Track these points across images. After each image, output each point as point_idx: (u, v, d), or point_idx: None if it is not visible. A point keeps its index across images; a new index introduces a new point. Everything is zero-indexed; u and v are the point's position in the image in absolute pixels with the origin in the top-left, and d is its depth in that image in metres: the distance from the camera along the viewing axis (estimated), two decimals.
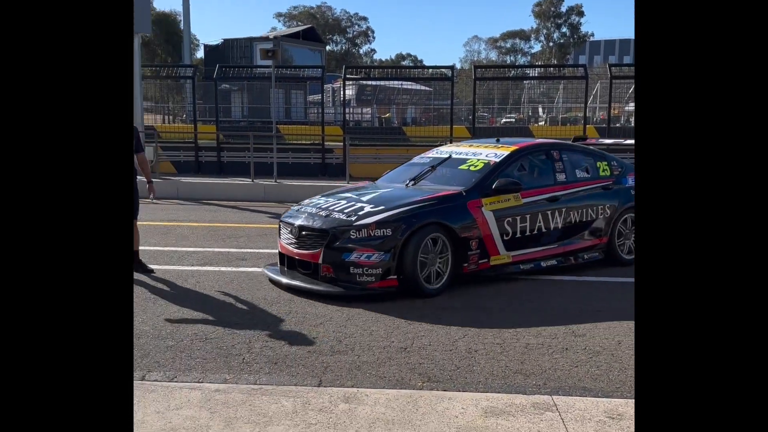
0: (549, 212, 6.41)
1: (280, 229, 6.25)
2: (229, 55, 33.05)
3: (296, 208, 6.36)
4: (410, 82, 22.61)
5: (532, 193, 6.35)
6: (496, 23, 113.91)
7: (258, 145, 15.41)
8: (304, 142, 17.96)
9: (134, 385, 3.58)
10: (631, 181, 7.21)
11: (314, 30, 44.74)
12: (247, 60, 31.82)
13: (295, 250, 5.87)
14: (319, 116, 19.80)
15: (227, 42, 34.73)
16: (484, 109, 23.22)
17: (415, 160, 7.35)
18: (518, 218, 6.16)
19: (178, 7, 62.04)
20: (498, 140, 7.17)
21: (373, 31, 79.95)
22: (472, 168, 6.44)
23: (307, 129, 19.65)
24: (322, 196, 6.60)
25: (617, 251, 6.99)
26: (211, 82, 18.81)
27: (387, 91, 24.28)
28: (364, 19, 78.92)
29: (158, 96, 22.52)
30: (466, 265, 5.83)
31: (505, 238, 6.06)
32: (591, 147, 7.61)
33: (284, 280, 5.85)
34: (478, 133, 15.72)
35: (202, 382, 3.70)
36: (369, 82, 23.70)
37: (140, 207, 6.56)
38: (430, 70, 20.05)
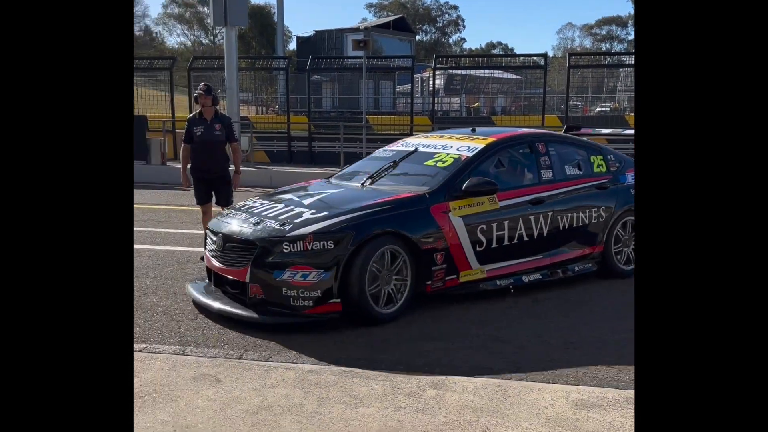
0: (532, 217, 5.36)
1: (205, 239, 5.27)
2: (321, 46, 33.58)
3: (227, 212, 5.37)
4: (500, 71, 22.28)
5: (512, 195, 5.30)
6: (591, 9, 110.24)
7: (348, 135, 15.67)
8: (392, 132, 18.09)
9: (232, 363, 3.76)
10: (631, 178, 6.14)
11: (404, 20, 44.79)
12: (338, 51, 32.25)
13: (220, 265, 4.81)
14: (407, 106, 19.87)
15: (319, 33, 35.30)
16: (577, 98, 22.61)
17: (378, 153, 6.26)
18: (494, 225, 5.11)
19: (272, 0, 63.66)
20: (473, 130, 6.02)
21: (463, 20, 79.10)
22: (439, 164, 5.35)
23: (395, 119, 19.74)
24: (262, 197, 5.58)
25: (614, 261, 5.96)
26: (303, 74, 19.22)
27: (476, 80, 24.02)
28: (455, 8, 78.06)
29: (252, 87, 23.19)
30: (429, 282, 4.82)
31: (478, 249, 5.04)
32: (584, 138, 6.54)
33: (203, 299, 4.89)
34: (570, 122, 15.35)
35: (295, 363, 3.84)
36: (458, 72, 23.55)
37: (234, 194, 6.80)
38: (522, 58, 19.70)
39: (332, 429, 3.04)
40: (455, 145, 5.59)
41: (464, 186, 5.02)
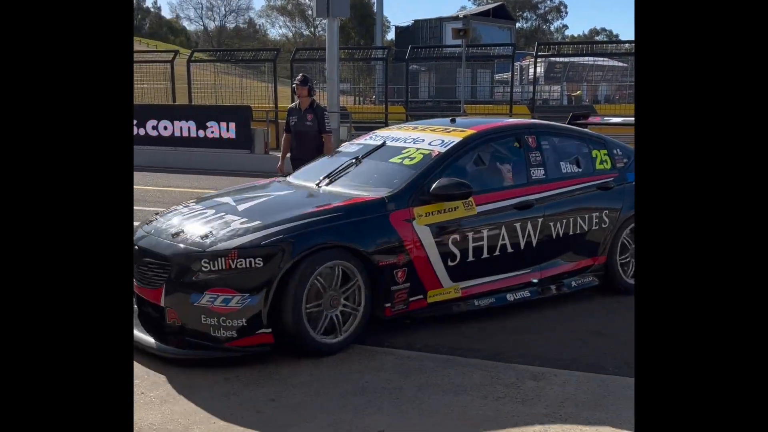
0: (518, 224, 4.51)
1: None
2: (419, 35, 33.58)
3: (151, 218, 4.43)
4: (604, 58, 21.55)
5: (493, 198, 4.47)
6: None
7: None
8: None
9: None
10: None
11: (504, 7, 44.01)
12: (436, 40, 32.14)
13: (137, 283, 3.94)
14: (505, 95, 19.59)
15: (417, 23, 35.30)
16: None
17: (343, 147, 5.39)
18: (470, 234, 4.29)
19: None
20: (453, 120, 5.18)
21: (565, 6, 76.79)
22: (406, 162, 4.50)
23: (492, 108, 19.51)
24: (198, 199, 4.67)
25: (619, 273, 5.06)
26: (400, 63, 19.31)
27: (578, 67, 23.35)
28: None
29: (351, 77, 23.54)
30: (388, 305, 4.00)
31: (450, 263, 4.22)
32: (585, 130, 5.58)
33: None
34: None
35: (397, 348, 3.92)
36: (559, 59, 22.95)
37: None
38: (627, 45, 18.94)
39: (432, 415, 3.09)
40: (428, 139, 4.73)
41: (432, 188, 4.16)
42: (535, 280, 4.66)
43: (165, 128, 14.28)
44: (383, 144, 4.88)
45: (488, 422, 3.02)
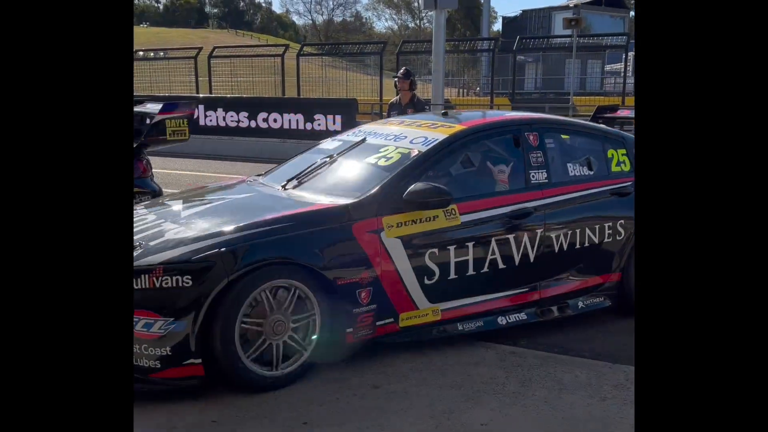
0: (512, 236, 3.87)
1: None
2: (527, 26, 32.94)
3: None
4: None
5: (481, 205, 3.84)
6: None
7: None
8: None
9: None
10: None
11: None
12: (545, 30, 31.42)
13: None
14: (616, 86, 18.85)
15: (525, 13, 34.64)
16: None
17: (323, 144, 4.74)
18: (452, 248, 3.68)
19: None
20: (445, 114, 4.64)
21: None
22: (381, 162, 3.91)
23: (603, 100, 18.82)
24: (147, 203, 4.29)
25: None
26: (506, 55, 18.97)
27: None
28: None
29: (455, 69, 23.41)
30: (350, 330, 3.44)
31: (428, 281, 3.64)
32: (602, 126, 4.85)
33: None
34: None
35: (499, 343, 3.87)
36: None
37: None
38: None
39: (535, 411, 3.04)
40: (411, 136, 4.11)
41: (405, 194, 3.56)
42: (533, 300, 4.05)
43: (275, 120, 14.75)
44: (363, 141, 4.28)
45: (594, 422, 2.94)
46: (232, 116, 15.09)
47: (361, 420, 2.95)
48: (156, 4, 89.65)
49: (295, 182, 4.01)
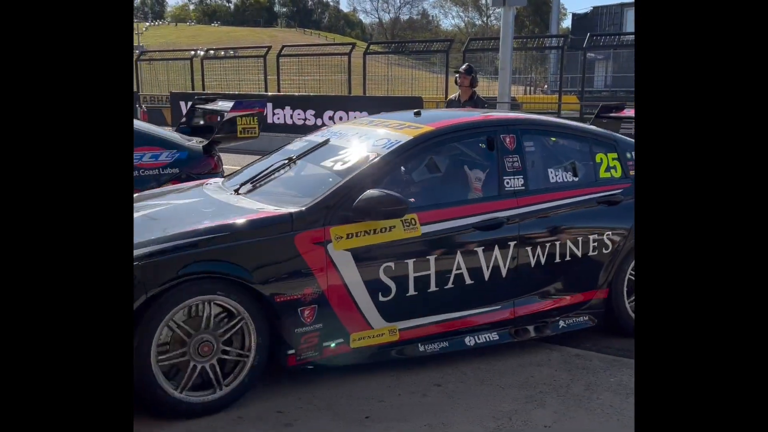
0: (480, 248, 3.50)
1: None
2: (598, 22, 32.18)
3: None
4: None
5: (446, 215, 3.46)
6: None
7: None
8: None
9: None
10: None
11: None
12: (617, 27, 30.61)
13: None
14: None
15: (596, 9, 33.86)
16: None
17: (290, 145, 4.34)
18: (410, 262, 3.33)
19: None
20: (417, 113, 4.12)
21: None
22: (337, 166, 3.62)
23: None
24: None
25: (626, 312, 3.94)
26: (575, 52, 18.61)
27: None
28: None
29: (522, 67, 23.11)
30: (292, 352, 3.15)
31: (383, 298, 3.30)
32: (591, 128, 4.38)
33: None
34: None
35: (563, 345, 3.81)
36: None
37: None
38: None
39: (600, 415, 2.99)
40: (374, 136, 3.76)
41: (356, 203, 3.21)
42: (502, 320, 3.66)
43: (341, 119, 14.92)
44: (326, 142, 3.92)
45: None
46: (299, 114, 15.35)
47: (422, 417, 2.97)
48: (227, 4, 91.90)
49: (249, 186, 3.68)
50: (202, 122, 6.72)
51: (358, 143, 3.77)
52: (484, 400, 3.13)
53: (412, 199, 3.47)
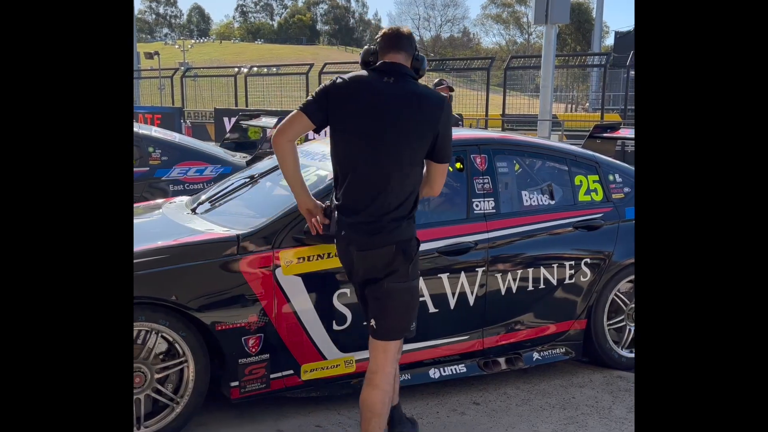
0: (445, 275, 3.27)
1: None
2: None
3: None
4: None
5: None
6: None
7: None
8: None
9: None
10: None
11: None
12: None
13: None
14: None
15: None
16: None
17: (260, 163, 4.22)
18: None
19: None
20: None
21: None
22: None
23: None
24: None
25: (607, 344, 3.69)
26: (617, 70, 18.41)
27: None
28: None
29: (564, 85, 22.96)
30: (235, 384, 2.94)
31: (337, 327, 3.07)
32: (571, 147, 4.11)
33: None
34: None
35: (602, 368, 3.75)
36: None
37: None
38: None
39: None
40: None
41: (306, 226, 2.89)
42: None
43: None
44: None
45: None
46: None
47: None
48: (270, 22, 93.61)
49: (207, 206, 3.53)
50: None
51: (322, 162, 3.45)
52: (525, 419, 3.09)
53: None
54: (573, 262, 3.58)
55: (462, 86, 21.14)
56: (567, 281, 3.57)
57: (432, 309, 3.26)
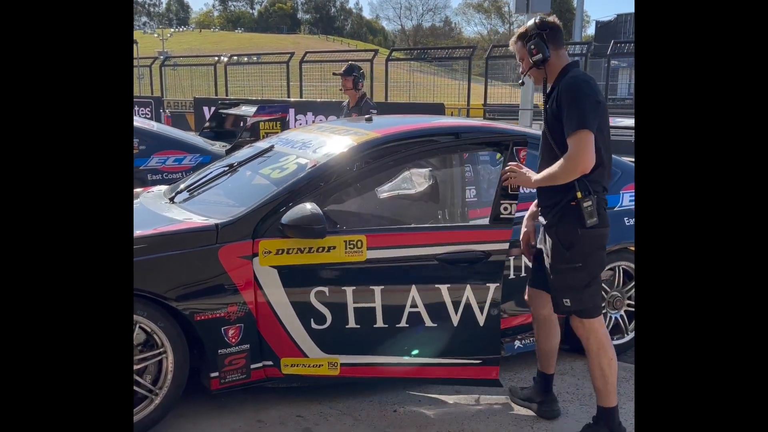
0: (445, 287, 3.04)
1: None
2: (622, 30, 32.00)
3: None
4: None
5: (398, 241, 2.97)
6: None
7: None
8: None
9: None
10: (629, 198, 3.66)
11: None
12: None
13: None
14: None
15: (620, 17, 33.66)
16: None
17: (240, 152, 4.11)
18: (349, 291, 2.91)
19: None
20: (369, 119, 3.73)
21: None
22: (274, 174, 3.29)
23: None
24: None
25: None
26: (598, 60, 18.50)
27: None
28: None
29: None
30: (215, 375, 2.89)
31: (316, 326, 2.94)
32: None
33: None
34: None
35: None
36: None
37: None
38: None
39: (624, 424, 2.94)
40: (319, 143, 3.44)
41: (286, 218, 2.86)
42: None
43: None
44: (270, 148, 3.62)
45: None
46: (321, 120, 15.42)
47: (444, 424, 2.96)
48: (251, 11, 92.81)
49: (185, 195, 3.46)
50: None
51: (303, 149, 3.43)
52: (506, 407, 3.10)
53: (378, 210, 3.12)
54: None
55: (444, 76, 21.12)
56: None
57: (429, 323, 3.07)
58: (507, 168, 2.88)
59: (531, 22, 2.81)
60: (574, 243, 2.69)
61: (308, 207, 2.84)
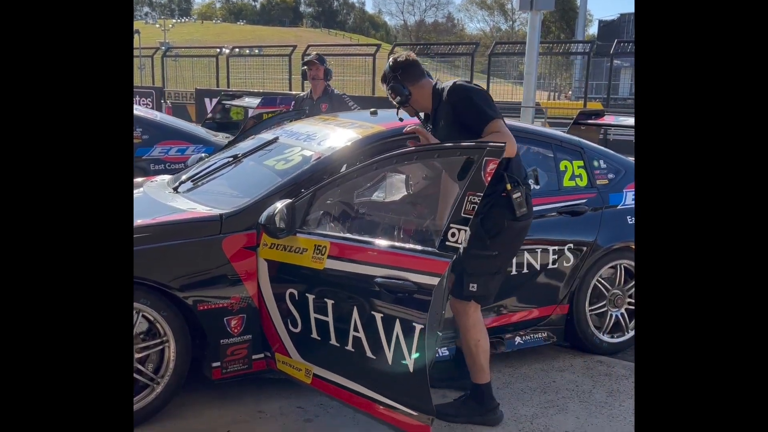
0: None
1: None
2: (624, 29, 31.90)
3: None
4: None
5: (355, 254, 2.63)
6: None
7: None
8: None
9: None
10: (632, 197, 3.76)
11: None
12: None
13: None
14: None
15: (624, 16, 33.61)
16: None
17: (243, 143, 4.08)
18: (310, 298, 2.71)
19: None
20: (374, 113, 3.68)
21: None
22: (279, 165, 3.27)
23: None
24: None
25: (589, 329, 3.65)
26: (601, 59, 18.48)
27: None
28: None
29: (547, 72, 22.98)
30: (217, 365, 2.88)
31: (293, 329, 2.80)
32: (555, 132, 4.04)
33: None
34: None
35: (584, 353, 3.77)
36: None
37: None
38: None
39: (623, 422, 2.96)
40: (323, 135, 3.43)
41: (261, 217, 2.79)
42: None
43: None
44: (275, 139, 3.61)
45: None
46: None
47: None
48: (253, 3, 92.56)
49: (189, 185, 3.46)
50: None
51: (308, 141, 3.41)
52: (506, 402, 3.10)
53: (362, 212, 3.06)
54: (556, 248, 3.51)
55: (446, 72, 21.08)
56: (550, 266, 3.51)
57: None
58: (413, 128, 2.93)
59: (387, 65, 2.95)
60: (500, 232, 2.83)
61: (277, 206, 2.74)
